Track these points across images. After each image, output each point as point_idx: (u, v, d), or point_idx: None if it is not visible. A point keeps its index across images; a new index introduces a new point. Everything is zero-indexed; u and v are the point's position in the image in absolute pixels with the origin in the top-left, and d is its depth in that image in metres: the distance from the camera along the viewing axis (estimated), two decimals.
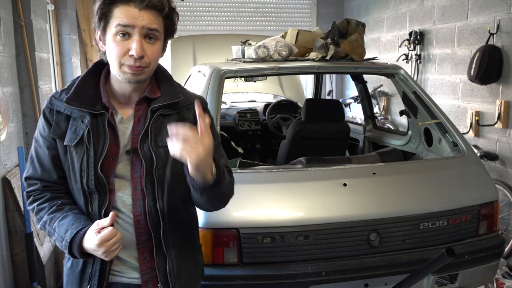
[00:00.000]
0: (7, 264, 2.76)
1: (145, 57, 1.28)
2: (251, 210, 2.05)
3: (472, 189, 2.33)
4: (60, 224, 1.33)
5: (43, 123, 1.39)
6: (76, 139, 1.34)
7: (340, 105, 3.41)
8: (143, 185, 1.36)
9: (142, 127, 1.37)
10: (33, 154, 1.41)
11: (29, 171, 1.42)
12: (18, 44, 3.13)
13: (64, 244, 1.31)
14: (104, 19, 1.28)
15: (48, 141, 1.38)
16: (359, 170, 2.31)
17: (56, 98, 1.38)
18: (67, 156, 1.37)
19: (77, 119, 1.35)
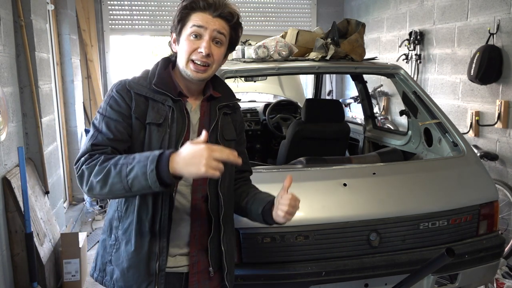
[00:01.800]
0: (7, 264, 2.76)
1: (211, 56, 1.46)
2: None
3: (472, 189, 2.33)
4: (140, 154, 1.31)
5: (116, 100, 1.45)
6: (161, 118, 1.45)
7: (340, 105, 3.41)
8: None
9: (208, 121, 1.54)
10: (102, 126, 1.42)
11: (98, 138, 1.41)
12: (18, 44, 3.13)
13: (152, 158, 1.25)
14: (182, 22, 1.47)
15: (124, 115, 1.44)
16: (359, 170, 2.31)
17: (135, 82, 1.48)
18: (141, 134, 1.44)
19: (158, 102, 1.47)
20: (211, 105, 1.57)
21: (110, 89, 1.51)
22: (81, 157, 1.38)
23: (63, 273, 3.24)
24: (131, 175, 1.27)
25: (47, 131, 3.50)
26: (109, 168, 1.30)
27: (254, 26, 6.59)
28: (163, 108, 1.47)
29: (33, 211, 2.93)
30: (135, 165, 1.27)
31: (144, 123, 1.45)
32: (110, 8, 6.06)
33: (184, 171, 1.23)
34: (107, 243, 1.53)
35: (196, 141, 1.26)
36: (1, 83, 2.79)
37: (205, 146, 1.22)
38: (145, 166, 1.25)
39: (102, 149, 1.39)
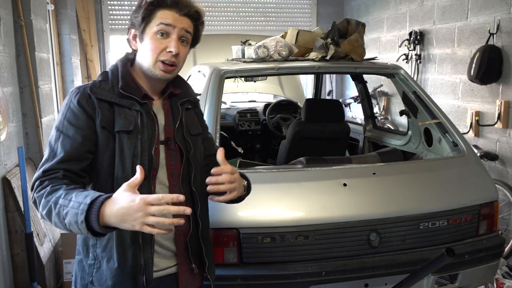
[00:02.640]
0: (7, 264, 2.76)
1: (178, 56, 1.43)
2: (251, 210, 2.05)
3: (472, 189, 2.33)
4: (78, 194, 1.21)
5: (75, 112, 1.36)
6: (131, 125, 1.38)
7: (340, 105, 3.41)
8: (179, 170, 1.48)
9: (172, 119, 1.51)
10: (57, 146, 1.34)
11: (50, 163, 1.32)
12: (18, 44, 3.13)
13: (82, 207, 1.16)
14: (147, 19, 1.41)
15: (82, 130, 1.35)
16: (359, 170, 2.31)
17: (97, 87, 1.40)
18: (110, 145, 1.36)
19: (124, 107, 1.39)
20: (172, 102, 1.53)
21: (68, 99, 1.39)
22: (34, 182, 1.31)
23: (63, 273, 3.24)
24: (67, 220, 1.20)
25: (47, 131, 3.50)
26: (50, 207, 1.24)
27: (254, 26, 6.59)
28: (131, 113, 1.39)
29: (33, 211, 2.93)
30: (69, 210, 1.19)
31: (112, 132, 1.37)
32: (110, 8, 6.06)
33: (118, 226, 1.16)
34: (85, 264, 1.42)
35: (132, 183, 1.18)
36: (1, 83, 2.79)
37: (140, 201, 1.12)
38: (76, 214, 1.17)
39: (52, 174, 1.30)
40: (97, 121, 1.36)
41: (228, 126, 4.18)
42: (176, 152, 1.49)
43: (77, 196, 1.21)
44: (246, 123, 4.28)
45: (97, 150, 1.37)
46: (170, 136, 1.48)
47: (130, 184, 1.18)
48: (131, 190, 1.16)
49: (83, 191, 1.23)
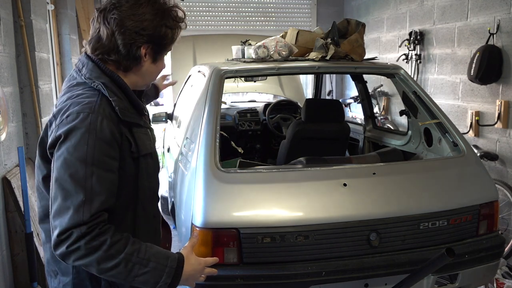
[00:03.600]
0: (7, 264, 2.76)
1: None
2: (251, 210, 2.05)
3: (472, 189, 2.33)
4: (155, 253, 1.25)
5: (108, 142, 1.22)
6: (153, 145, 1.39)
7: (340, 105, 3.40)
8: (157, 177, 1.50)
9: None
10: (92, 183, 1.18)
11: (94, 205, 1.18)
12: (18, 44, 3.13)
13: (169, 271, 1.25)
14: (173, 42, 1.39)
15: (116, 162, 1.25)
16: (359, 170, 2.31)
17: (123, 109, 1.28)
18: (134, 169, 1.31)
19: (142, 126, 1.36)
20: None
21: (89, 123, 1.20)
22: (74, 227, 1.16)
23: None
24: (141, 278, 1.22)
25: None
26: (117, 263, 1.19)
27: (254, 26, 6.59)
28: (145, 131, 1.37)
29: (33, 211, 2.92)
30: (149, 271, 1.22)
31: (137, 155, 1.31)
32: None
33: (182, 282, 1.31)
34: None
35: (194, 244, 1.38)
36: (1, 83, 2.79)
37: (203, 264, 1.35)
38: (160, 276, 1.24)
39: (99, 217, 1.19)
40: (127, 147, 1.27)
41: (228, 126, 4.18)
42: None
43: (156, 256, 1.25)
44: (246, 123, 4.28)
45: (122, 175, 1.28)
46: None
47: (193, 246, 1.37)
48: (193, 252, 1.36)
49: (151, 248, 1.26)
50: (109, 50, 1.31)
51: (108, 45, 1.30)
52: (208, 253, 1.99)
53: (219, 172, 2.11)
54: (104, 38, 1.30)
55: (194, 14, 6.42)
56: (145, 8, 1.29)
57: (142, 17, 1.28)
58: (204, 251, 1.99)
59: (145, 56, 1.33)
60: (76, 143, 1.19)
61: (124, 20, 1.28)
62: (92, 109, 1.23)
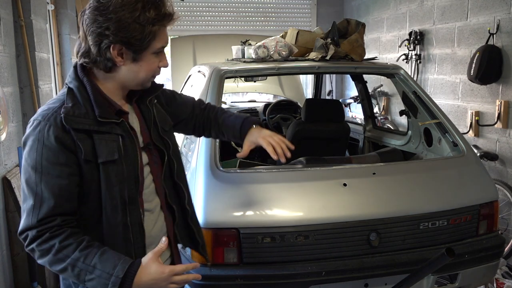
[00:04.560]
0: (7, 264, 2.76)
1: None
2: (251, 210, 2.05)
3: (472, 189, 2.33)
4: (103, 260, 1.21)
5: (53, 150, 1.23)
6: (115, 153, 1.29)
7: (340, 105, 3.41)
8: (161, 169, 1.47)
9: (144, 121, 1.46)
10: (41, 189, 1.23)
11: (42, 210, 1.22)
12: (18, 44, 3.13)
13: (114, 280, 1.19)
14: (148, 42, 1.28)
15: (67, 168, 1.24)
16: (359, 170, 2.31)
17: (71, 116, 1.25)
18: (94, 175, 1.28)
19: (103, 132, 1.29)
20: (140, 103, 1.46)
21: (38, 132, 1.23)
22: (26, 230, 1.23)
23: None
24: (90, 284, 1.22)
25: None
26: (65, 267, 1.22)
27: (254, 26, 6.59)
28: (111, 138, 1.30)
29: None
30: (95, 278, 1.20)
31: (96, 163, 1.27)
32: None
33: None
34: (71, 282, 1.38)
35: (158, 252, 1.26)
36: (1, 83, 2.79)
37: (169, 273, 1.23)
38: (105, 285, 1.20)
39: (50, 223, 1.22)
40: (79, 155, 1.25)
41: None
42: (156, 155, 1.47)
43: (102, 263, 1.21)
44: None
45: (82, 181, 1.28)
46: (148, 141, 1.45)
47: (156, 253, 1.25)
48: (157, 261, 1.25)
49: (103, 254, 1.23)
50: (85, 52, 1.30)
51: (84, 48, 1.30)
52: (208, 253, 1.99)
53: (219, 172, 2.11)
54: (81, 41, 1.31)
55: (194, 14, 6.42)
56: (112, 6, 1.23)
57: (106, 17, 1.23)
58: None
59: (119, 56, 1.28)
60: (29, 151, 1.25)
61: (92, 20, 1.25)
62: (44, 116, 1.26)
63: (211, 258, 1.99)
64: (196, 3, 6.39)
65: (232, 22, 6.52)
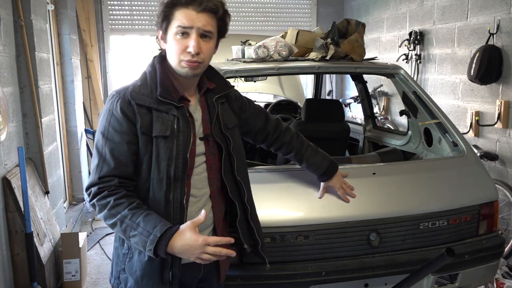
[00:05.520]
0: (7, 264, 2.76)
1: (201, 54, 1.44)
2: None
3: (472, 189, 2.33)
4: (146, 220, 1.36)
5: (118, 119, 1.42)
6: (168, 130, 1.44)
7: (340, 105, 3.41)
8: (217, 164, 1.57)
9: (208, 115, 1.57)
10: (105, 151, 1.43)
11: (103, 170, 1.42)
12: (18, 44, 3.13)
13: (152, 238, 1.33)
14: (166, 21, 1.44)
15: (127, 136, 1.42)
16: (359, 170, 2.31)
17: (136, 92, 1.45)
18: (148, 148, 1.44)
19: (161, 111, 1.45)
20: (208, 98, 1.59)
21: (110, 104, 1.46)
22: (91, 187, 1.43)
23: (63, 273, 3.24)
24: (133, 240, 1.38)
25: (47, 131, 3.50)
26: (115, 222, 1.39)
27: (254, 26, 6.59)
28: (168, 117, 1.45)
29: (33, 211, 2.93)
30: (137, 234, 1.36)
31: (150, 136, 1.44)
32: (110, 8, 6.06)
33: (179, 255, 1.38)
34: (120, 252, 1.54)
35: (196, 222, 1.37)
36: (1, 83, 2.79)
37: (202, 242, 1.34)
38: (145, 242, 1.35)
39: (109, 182, 1.41)
40: (137, 125, 1.43)
41: None
42: (214, 147, 1.57)
43: (145, 222, 1.36)
44: None
45: (139, 152, 1.44)
46: (208, 133, 1.55)
47: (194, 223, 1.37)
48: (194, 229, 1.36)
49: (148, 215, 1.38)
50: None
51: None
52: None
53: None
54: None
55: None
56: None
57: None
58: None
59: (161, 39, 1.49)
60: (102, 119, 1.47)
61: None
62: (118, 91, 1.47)
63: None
64: None
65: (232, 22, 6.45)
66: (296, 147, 1.96)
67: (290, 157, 2.01)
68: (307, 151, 1.97)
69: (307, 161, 1.98)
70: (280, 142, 1.94)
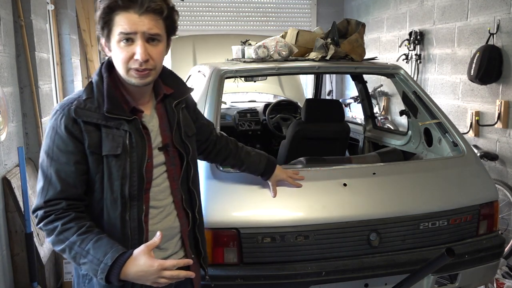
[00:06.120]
0: (7, 264, 2.76)
1: (150, 60, 1.32)
2: (251, 210, 2.05)
3: (472, 189, 2.33)
4: (96, 246, 1.26)
5: (63, 138, 1.31)
6: (119, 148, 1.33)
7: (340, 105, 3.41)
8: (179, 173, 1.49)
9: (168, 122, 1.47)
10: (51, 173, 1.32)
11: (49, 193, 1.32)
12: (18, 44, 3.13)
13: (103, 267, 1.24)
14: (106, 27, 1.31)
15: (74, 156, 1.31)
16: (359, 170, 2.31)
17: (81, 109, 1.32)
18: (99, 167, 1.33)
19: (111, 127, 1.33)
20: (166, 104, 1.48)
21: (54, 120, 1.33)
22: (37, 210, 1.34)
23: (63, 273, 3.24)
24: (84, 267, 1.29)
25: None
26: (64, 248, 1.30)
27: (254, 26, 6.58)
28: (119, 133, 1.33)
29: None
30: (87, 262, 1.27)
31: (101, 155, 1.33)
32: None
33: (134, 281, 1.29)
34: (80, 272, 1.43)
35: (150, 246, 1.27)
36: (1, 83, 2.79)
37: (158, 267, 1.25)
38: (96, 271, 1.25)
39: (56, 205, 1.31)
40: (85, 144, 1.32)
41: (228, 126, 4.18)
42: (175, 157, 1.48)
43: (95, 249, 1.26)
44: (246, 123, 4.28)
45: (89, 171, 1.34)
46: (168, 142, 1.46)
47: (149, 246, 1.28)
48: (149, 254, 1.27)
49: (98, 240, 1.28)
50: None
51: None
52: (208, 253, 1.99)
53: (219, 172, 2.11)
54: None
55: (194, 14, 6.42)
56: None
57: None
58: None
59: (106, 46, 1.36)
60: (46, 136, 1.36)
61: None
62: (61, 106, 1.35)
63: (211, 258, 2.00)
64: (196, 3, 6.39)
65: (232, 22, 6.51)
66: (233, 150, 1.88)
67: (228, 162, 1.92)
68: (243, 152, 1.91)
69: (247, 161, 1.91)
70: (217, 149, 1.85)
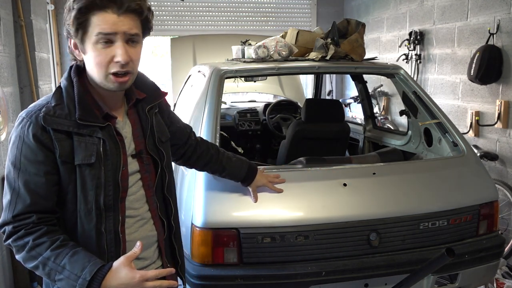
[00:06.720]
0: (7, 264, 2.77)
1: (130, 62, 1.27)
2: (251, 210, 2.05)
3: (472, 189, 2.33)
4: (73, 261, 1.19)
5: (32, 147, 1.23)
6: (93, 156, 1.25)
7: (340, 105, 3.41)
8: (154, 180, 1.45)
9: (141, 128, 1.42)
10: (19, 185, 1.23)
11: (18, 207, 1.23)
12: (18, 44, 3.13)
13: (81, 283, 1.17)
14: (81, 29, 1.22)
15: (45, 166, 1.23)
16: (359, 170, 2.31)
17: (51, 116, 1.23)
18: (72, 177, 1.26)
19: (84, 135, 1.26)
20: (139, 109, 1.42)
21: (20, 128, 1.24)
22: (4, 225, 1.25)
23: None
24: (60, 284, 1.21)
25: None
26: (37, 265, 1.22)
27: (254, 26, 6.58)
28: (92, 141, 1.26)
29: None
30: (63, 278, 1.19)
31: (73, 164, 1.25)
32: None
33: None
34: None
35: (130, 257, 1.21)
36: (1, 83, 2.79)
37: (139, 279, 1.19)
38: (73, 286, 1.18)
39: (25, 219, 1.22)
40: (56, 154, 1.24)
41: (228, 126, 4.18)
42: (149, 164, 1.43)
43: (72, 264, 1.19)
44: (246, 123, 4.28)
45: (60, 181, 1.27)
46: (142, 148, 1.41)
47: (129, 258, 1.21)
48: (129, 265, 1.20)
49: (74, 254, 1.20)
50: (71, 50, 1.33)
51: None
52: (208, 253, 1.99)
53: None
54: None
55: (194, 14, 6.42)
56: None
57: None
58: (204, 251, 1.99)
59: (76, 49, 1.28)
60: (11, 146, 1.26)
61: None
62: (28, 113, 1.26)
63: (211, 258, 2.00)
64: (196, 3, 6.39)
65: (232, 22, 6.51)
66: (214, 156, 1.83)
67: (209, 168, 1.87)
68: (225, 157, 1.86)
69: (228, 167, 1.87)
70: (198, 154, 1.79)
